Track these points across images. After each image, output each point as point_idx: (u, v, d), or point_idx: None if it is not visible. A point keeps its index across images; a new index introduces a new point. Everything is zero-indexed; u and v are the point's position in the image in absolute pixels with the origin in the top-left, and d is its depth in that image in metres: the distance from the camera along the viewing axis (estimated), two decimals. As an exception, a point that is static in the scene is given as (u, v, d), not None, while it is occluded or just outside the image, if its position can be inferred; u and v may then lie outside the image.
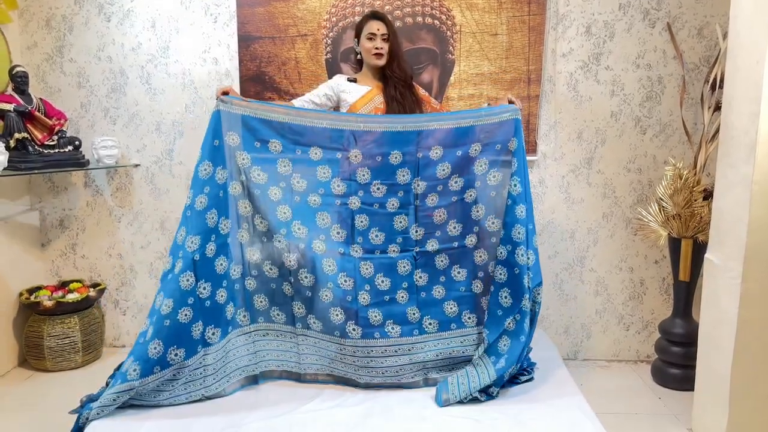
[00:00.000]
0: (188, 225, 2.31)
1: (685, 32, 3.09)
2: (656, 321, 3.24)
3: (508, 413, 2.15)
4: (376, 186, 2.47)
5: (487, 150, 2.48)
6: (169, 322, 2.21)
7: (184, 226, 2.32)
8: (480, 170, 2.48)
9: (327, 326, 2.43)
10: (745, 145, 2.15)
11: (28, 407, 2.72)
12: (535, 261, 2.43)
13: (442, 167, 2.47)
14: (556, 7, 3.09)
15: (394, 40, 2.67)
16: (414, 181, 2.47)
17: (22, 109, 2.91)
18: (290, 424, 2.08)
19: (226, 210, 2.39)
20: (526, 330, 2.39)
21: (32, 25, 3.23)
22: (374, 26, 2.63)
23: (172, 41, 3.21)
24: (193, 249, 2.28)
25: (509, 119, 2.46)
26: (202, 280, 2.29)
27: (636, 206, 3.21)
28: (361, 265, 2.44)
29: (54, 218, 3.37)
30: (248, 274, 2.46)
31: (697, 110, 3.10)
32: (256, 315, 2.49)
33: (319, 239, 2.45)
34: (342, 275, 2.43)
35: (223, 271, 2.37)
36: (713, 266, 2.36)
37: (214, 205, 2.34)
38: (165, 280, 2.27)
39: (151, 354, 2.18)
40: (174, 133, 3.28)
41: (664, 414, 2.75)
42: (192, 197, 2.32)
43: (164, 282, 2.27)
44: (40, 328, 3.05)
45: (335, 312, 2.41)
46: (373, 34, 2.63)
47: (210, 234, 2.33)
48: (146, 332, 2.23)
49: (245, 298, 2.46)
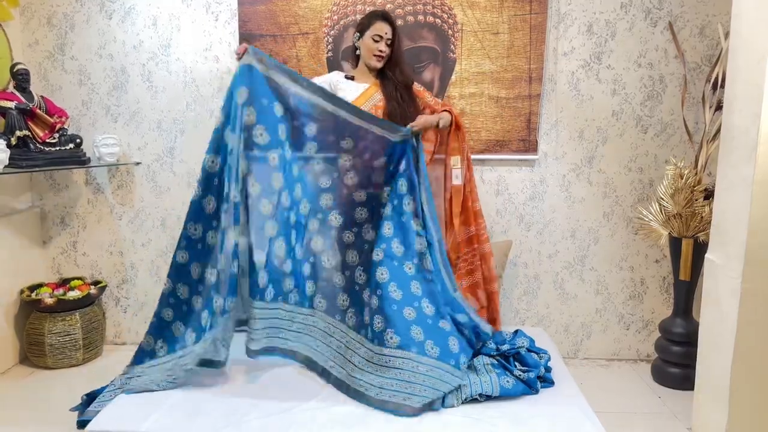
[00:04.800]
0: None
1: (687, 31, 3.08)
2: (656, 320, 3.24)
3: (508, 412, 2.15)
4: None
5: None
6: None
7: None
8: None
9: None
10: (746, 145, 2.14)
11: (28, 404, 2.72)
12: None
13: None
14: (557, 5, 3.09)
15: (398, 45, 2.68)
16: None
17: (23, 107, 2.91)
18: (289, 423, 2.08)
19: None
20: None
21: (33, 22, 3.23)
22: (382, 29, 2.63)
23: (174, 39, 3.22)
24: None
25: (399, 141, 2.51)
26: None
27: (637, 205, 3.21)
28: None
29: (55, 216, 3.37)
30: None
31: (699, 110, 3.10)
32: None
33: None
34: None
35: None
36: (714, 266, 2.36)
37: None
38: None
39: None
40: (175, 131, 3.28)
41: (664, 413, 2.75)
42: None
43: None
44: (41, 326, 3.05)
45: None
46: (380, 36, 2.62)
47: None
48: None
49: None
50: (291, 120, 2.47)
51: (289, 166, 2.48)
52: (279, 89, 2.43)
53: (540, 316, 3.37)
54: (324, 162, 2.54)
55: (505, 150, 3.18)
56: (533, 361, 2.42)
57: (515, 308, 3.37)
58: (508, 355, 2.47)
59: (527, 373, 2.33)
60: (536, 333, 2.82)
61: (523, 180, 3.24)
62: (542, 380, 2.38)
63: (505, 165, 3.23)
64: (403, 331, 2.27)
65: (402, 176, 2.49)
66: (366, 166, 2.53)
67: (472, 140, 3.17)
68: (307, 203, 2.54)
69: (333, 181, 2.55)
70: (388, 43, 2.64)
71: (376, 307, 2.33)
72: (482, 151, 3.18)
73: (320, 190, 2.55)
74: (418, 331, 2.29)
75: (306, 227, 2.54)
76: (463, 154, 2.75)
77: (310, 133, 2.50)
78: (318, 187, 2.55)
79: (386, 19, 2.65)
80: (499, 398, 2.24)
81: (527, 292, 3.35)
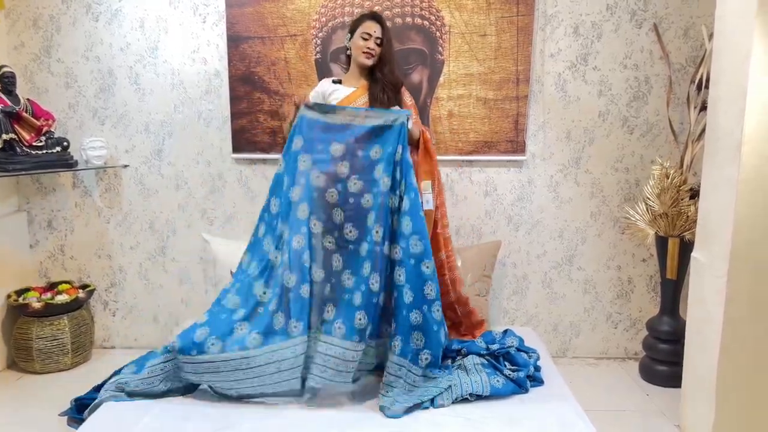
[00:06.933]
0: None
1: (672, 33, 3.12)
2: (644, 319, 3.27)
3: (498, 411, 2.16)
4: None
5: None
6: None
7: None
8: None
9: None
10: (730, 146, 2.17)
11: (17, 409, 2.70)
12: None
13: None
14: (544, 7, 3.11)
15: (388, 46, 2.67)
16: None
17: (9, 110, 2.88)
18: (285, 424, 2.08)
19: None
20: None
21: (19, 24, 3.20)
22: (372, 27, 2.63)
23: (161, 41, 3.20)
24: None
25: (396, 124, 2.46)
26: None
27: (623, 205, 3.24)
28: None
29: (42, 219, 3.35)
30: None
31: (684, 110, 3.13)
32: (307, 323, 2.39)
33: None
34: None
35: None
36: (700, 265, 2.39)
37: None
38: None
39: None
40: (163, 133, 3.27)
41: (652, 410, 2.78)
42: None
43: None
44: (29, 330, 3.03)
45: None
46: (369, 34, 2.63)
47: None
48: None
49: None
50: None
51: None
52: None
53: (529, 316, 3.39)
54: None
55: (493, 151, 3.20)
56: (523, 361, 2.44)
57: (504, 308, 3.38)
58: (498, 355, 2.48)
59: (517, 373, 2.35)
60: (525, 332, 2.84)
61: (512, 181, 3.26)
62: (532, 379, 2.40)
63: (494, 166, 3.25)
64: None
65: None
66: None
67: (461, 142, 3.18)
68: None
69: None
70: (377, 42, 2.65)
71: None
72: (470, 153, 3.20)
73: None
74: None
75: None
76: (434, 178, 2.66)
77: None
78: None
79: (375, 18, 2.67)
80: (490, 397, 2.25)
81: (516, 292, 3.37)
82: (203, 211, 3.33)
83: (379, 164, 2.42)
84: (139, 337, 3.43)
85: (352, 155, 2.44)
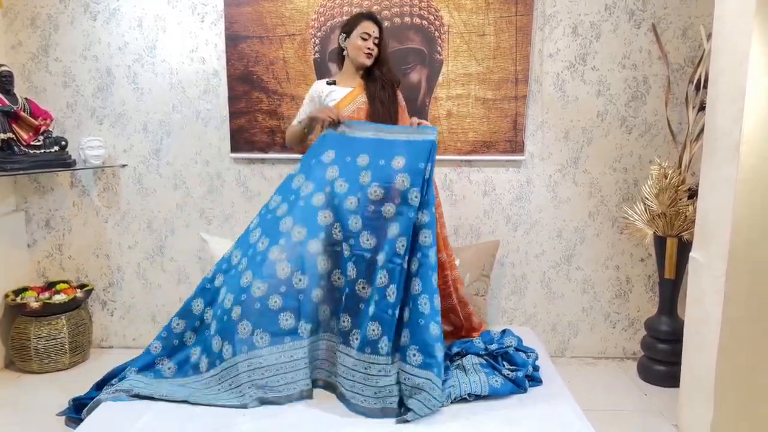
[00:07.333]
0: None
1: (670, 33, 3.12)
2: (642, 318, 3.28)
3: (497, 411, 2.16)
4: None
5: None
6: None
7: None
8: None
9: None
10: (728, 146, 2.17)
11: (15, 409, 2.70)
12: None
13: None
14: (542, 7, 3.11)
15: (384, 47, 2.70)
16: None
17: (7, 109, 2.88)
18: (282, 425, 2.08)
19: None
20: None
21: (17, 23, 3.19)
22: (370, 27, 2.64)
23: (159, 40, 3.20)
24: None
25: (426, 140, 2.46)
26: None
27: (622, 205, 3.24)
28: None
29: (40, 219, 3.34)
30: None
31: (682, 110, 3.14)
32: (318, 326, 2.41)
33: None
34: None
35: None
36: (698, 264, 2.39)
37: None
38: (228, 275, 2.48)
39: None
40: (161, 132, 3.27)
41: (650, 410, 2.79)
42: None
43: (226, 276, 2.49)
44: (27, 330, 3.02)
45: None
46: (368, 34, 2.63)
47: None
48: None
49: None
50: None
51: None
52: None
53: (527, 316, 3.39)
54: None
55: (491, 151, 3.20)
56: (521, 360, 2.44)
57: (503, 308, 3.39)
58: (496, 355, 2.48)
59: (516, 372, 2.35)
60: (524, 332, 2.84)
61: (510, 180, 3.27)
62: (530, 379, 2.40)
63: (492, 166, 3.25)
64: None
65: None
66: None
67: (459, 142, 3.18)
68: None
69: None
70: (375, 42, 2.65)
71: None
72: (469, 153, 3.20)
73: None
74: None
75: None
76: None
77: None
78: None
79: (373, 18, 2.67)
80: (488, 397, 2.25)
81: (515, 292, 3.37)
82: (201, 210, 3.33)
83: (401, 174, 2.40)
84: (137, 336, 3.43)
85: (375, 165, 2.45)
